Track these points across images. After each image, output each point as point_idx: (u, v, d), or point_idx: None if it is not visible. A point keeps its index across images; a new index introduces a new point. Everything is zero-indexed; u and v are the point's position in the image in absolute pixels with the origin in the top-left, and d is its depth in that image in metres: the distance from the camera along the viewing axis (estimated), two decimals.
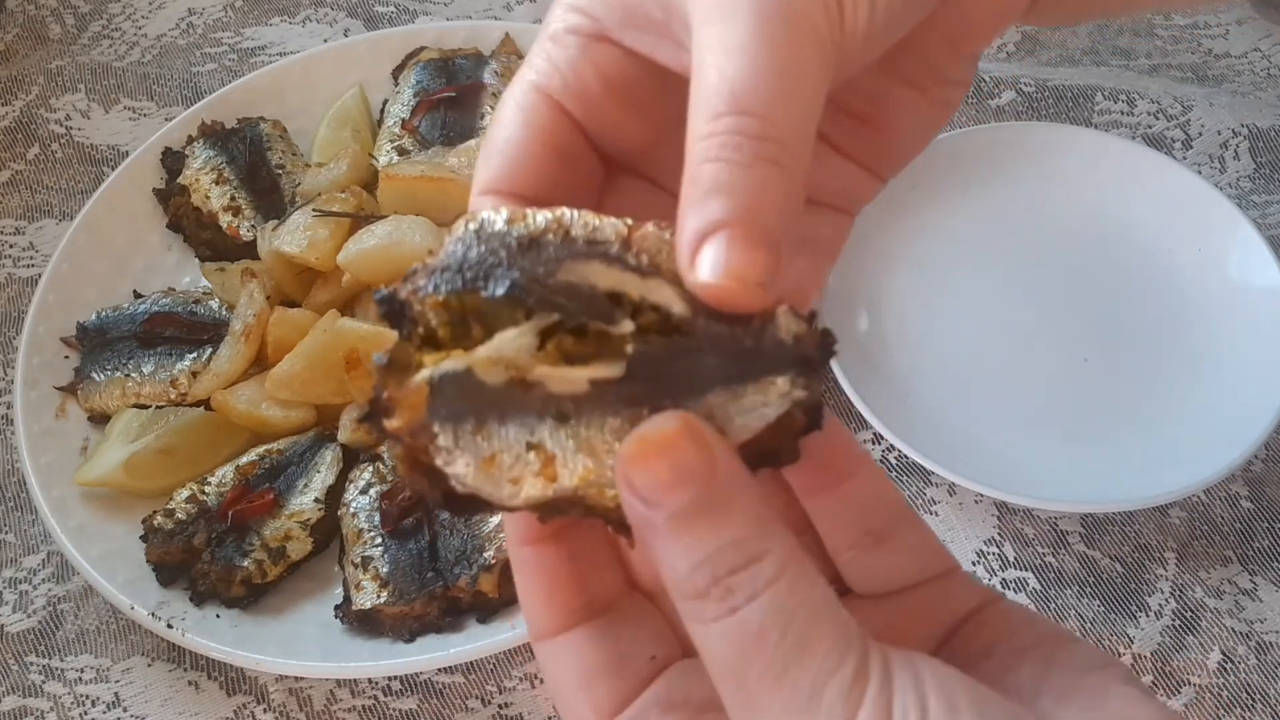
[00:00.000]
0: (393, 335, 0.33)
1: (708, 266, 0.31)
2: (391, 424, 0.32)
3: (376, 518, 0.78)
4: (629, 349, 0.31)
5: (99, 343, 0.89)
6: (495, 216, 0.33)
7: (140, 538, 0.80)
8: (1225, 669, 0.75)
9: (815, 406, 0.33)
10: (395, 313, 0.33)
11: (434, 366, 0.32)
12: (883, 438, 0.82)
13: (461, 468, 0.32)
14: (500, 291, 0.32)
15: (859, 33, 0.35)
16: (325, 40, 1.12)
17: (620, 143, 0.39)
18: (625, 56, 0.38)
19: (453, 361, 0.32)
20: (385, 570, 0.76)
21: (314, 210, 0.87)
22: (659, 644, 0.38)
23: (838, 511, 0.38)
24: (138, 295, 0.93)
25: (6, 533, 0.86)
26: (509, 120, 0.38)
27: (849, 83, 0.41)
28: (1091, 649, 0.36)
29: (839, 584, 0.40)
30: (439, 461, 0.32)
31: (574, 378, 0.31)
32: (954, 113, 0.45)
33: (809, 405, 0.33)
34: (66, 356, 0.89)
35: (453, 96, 0.97)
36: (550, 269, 0.32)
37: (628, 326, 0.32)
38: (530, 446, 0.32)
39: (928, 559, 0.39)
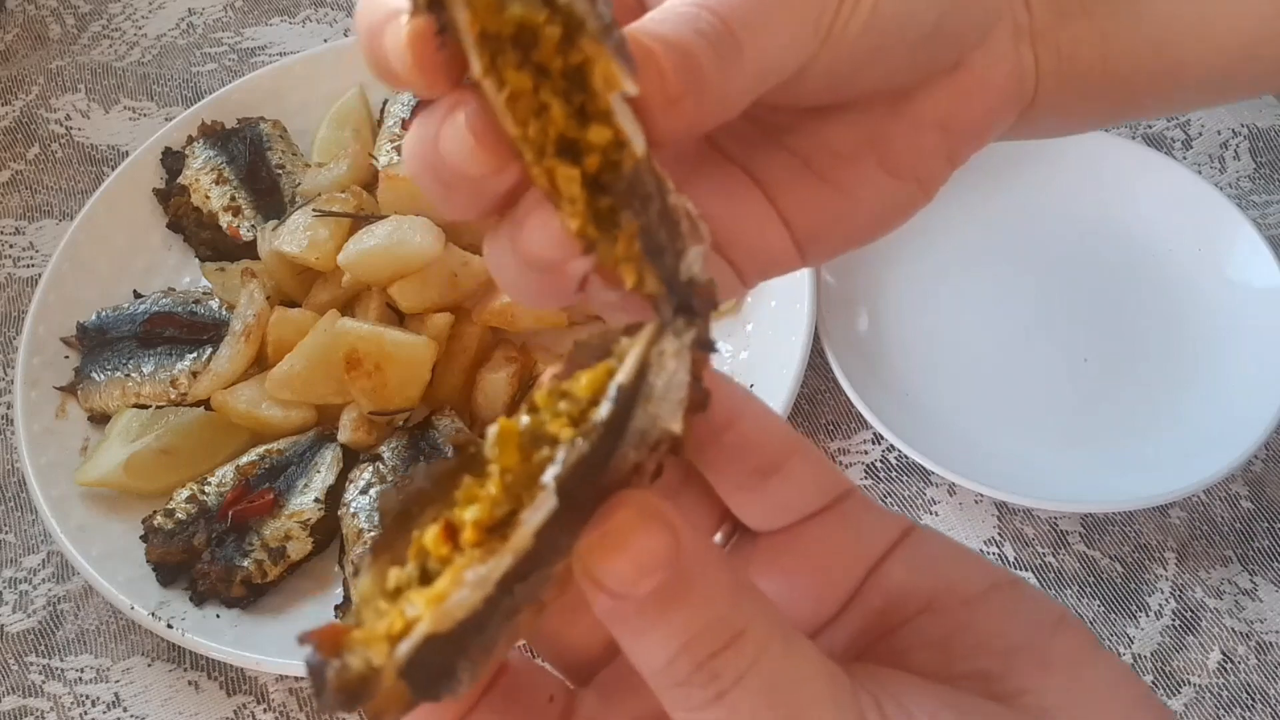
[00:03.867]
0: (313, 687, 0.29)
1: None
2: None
3: (376, 518, 0.78)
4: (549, 477, 0.28)
5: (99, 343, 0.89)
6: None
7: (140, 538, 0.80)
8: (1225, 669, 0.75)
9: (704, 340, 0.31)
10: None
11: (390, 658, 0.28)
12: (882, 438, 0.82)
13: (460, 692, 0.29)
14: None
15: (845, 39, 0.36)
16: (325, 40, 1.12)
17: None
18: None
19: (409, 642, 0.28)
20: None
21: (314, 210, 0.87)
22: (549, 681, 0.36)
23: (723, 455, 0.36)
24: (138, 295, 0.93)
25: (6, 533, 0.86)
26: None
27: (825, 143, 0.41)
28: (1039, 595, 0.35)
29: (734, 524, 0.38)
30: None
31: (519, 544, 0.28)
32: (905, 219, 0.42)
33: (701, 342, 0.31)
34: (66, 356, 0.89)
35: None
36: None
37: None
38: (509, 618, 0.29)
39: (822, 483, 0.37)
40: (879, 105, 0.41)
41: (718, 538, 0.38)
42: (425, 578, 0.29)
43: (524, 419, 0.30)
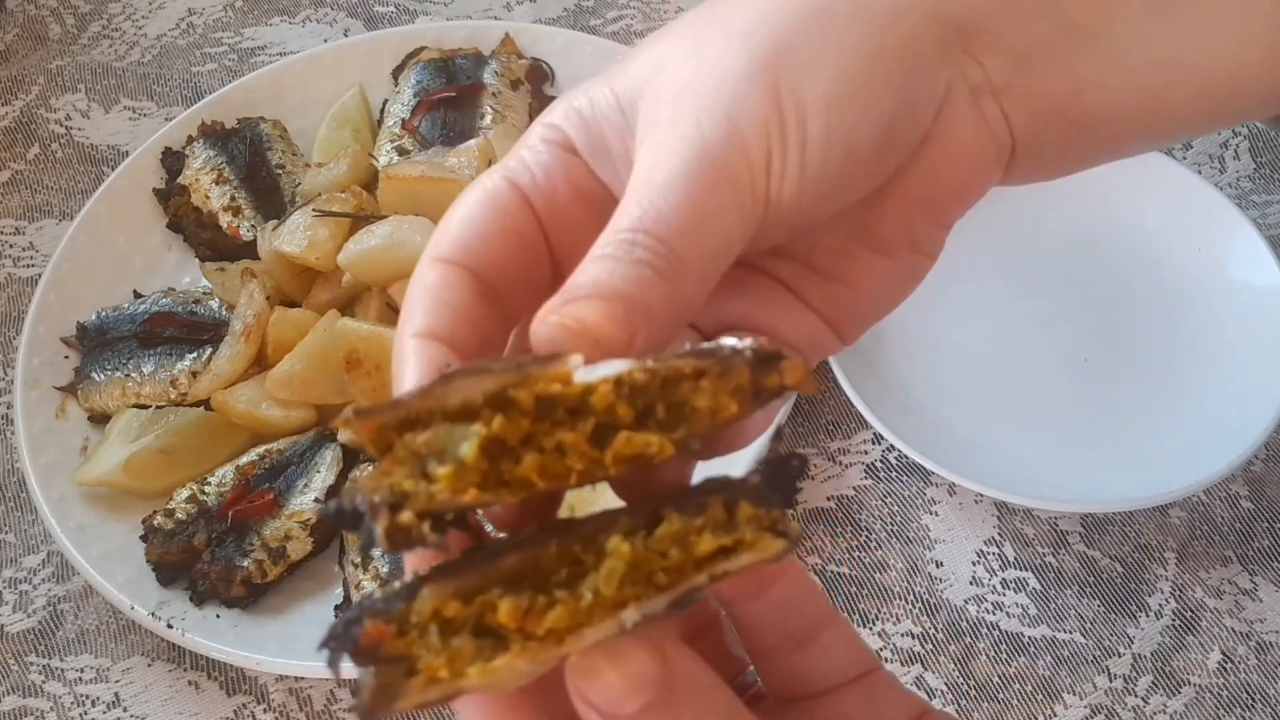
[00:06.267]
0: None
1: (549, 314, 0.32)
2: None
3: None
4: (629, 620, 0.29)
5: (99, 343, 0.89)
6: None
7: (140, 538, 0.80)
8: (1225, 669, 0.75)
9: (791, 551, 0.31)
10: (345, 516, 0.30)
11: (422, 694, 0.29)
12: (883, 438, 0.82)
13: None
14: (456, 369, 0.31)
15: (785, 198, 0.36)
16: (325, 40, 1.12)
17: (579, 248, 0.38)
18: (593, 176, 0.39)
19: (438, 691, 0.29)
20: (385, 570, 0.76)
21: (314, 210, 0.87)
22: None
23: (761, 615, 0.37)
24: (138, 295, 0.93)
25: (6, 533, 0.86)
26: (473, 201, 0.38)
27: (820, 246, 0.41)
28: None
29: (751, 687, 0.39)
30: None
31: (568, 650, 0.29)
32: (918, 283, 0.44)
33: (787, 555, 0.31)
34: (66, 356, 0.89)
35: (453, 96, 0.97)
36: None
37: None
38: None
39: (849, 659, 0.38)
40: (855, 204, 0.41)
41: None
42: (479, 625, 0.30)
43: (639, 540, 0.30)
